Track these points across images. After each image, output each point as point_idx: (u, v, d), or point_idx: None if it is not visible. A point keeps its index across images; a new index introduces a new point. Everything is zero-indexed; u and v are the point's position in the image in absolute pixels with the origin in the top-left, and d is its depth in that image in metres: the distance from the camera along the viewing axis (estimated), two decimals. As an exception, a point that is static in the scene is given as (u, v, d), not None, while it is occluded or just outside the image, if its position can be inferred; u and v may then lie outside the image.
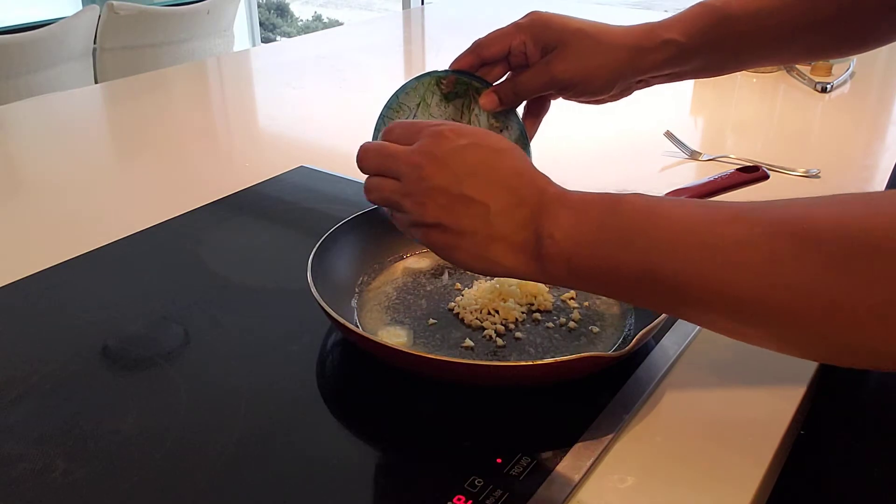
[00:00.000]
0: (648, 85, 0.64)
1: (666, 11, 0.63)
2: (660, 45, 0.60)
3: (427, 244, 0.48)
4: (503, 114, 0.62)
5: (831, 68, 1.39)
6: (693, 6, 0.61)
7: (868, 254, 0.33)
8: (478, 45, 0.61)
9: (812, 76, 1.37)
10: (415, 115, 0.59)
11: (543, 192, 0.45)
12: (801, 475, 0.59)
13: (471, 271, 0.48)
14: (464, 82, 0.62)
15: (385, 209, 0.51)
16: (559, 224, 0.43)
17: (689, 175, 0.97)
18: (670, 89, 1.37)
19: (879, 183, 0.94)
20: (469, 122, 0.62)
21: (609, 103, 0.66)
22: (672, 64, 0.61)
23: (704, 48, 0.60)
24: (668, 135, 1.02)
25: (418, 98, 0.58)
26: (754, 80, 1.39)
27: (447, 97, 0.62)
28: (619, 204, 0.42)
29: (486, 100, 0.61)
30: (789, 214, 0.37)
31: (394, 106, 0.59)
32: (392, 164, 0.48)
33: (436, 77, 0.59)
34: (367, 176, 0.51)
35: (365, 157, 0.50)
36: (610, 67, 0.60)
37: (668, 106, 1.27)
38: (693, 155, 1.01)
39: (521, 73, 0.61)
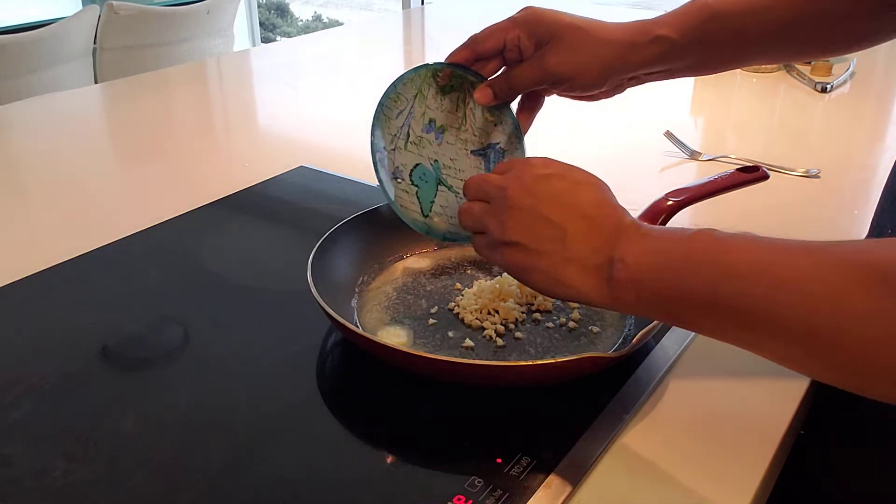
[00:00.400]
0: (641, 82, 0.64)
1: (666, 11, 0.63)
2: (652, 41, 0.60)
3: (505, 264, 0.50)
4: (498, 108, 0.63)
5: (831, 68, 1.39)
6: (686, 4, 0.61)
7: None
8: (473, 40, 0.62)
9: (812, 76, 1.37)
10: (412, 106, 0.60)
11: (619, 222, 0.47)
12: (801, 475, 0.59)
13: (544, 293, 0.50)
14: (459, 76, 0.62)
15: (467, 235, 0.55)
16: (631, 250, 0.45)
17: (689, 175, 0.97)
18: (670, 89, 1.36)
19: (879, 183, 0.94)
20: (464, 116, 0.62)
21: (603, 100, 0.66)
22: (664, 60, 0.61)
23: (697, 45, 0.60)
24: (668, 135, 1.02)
25: (415, 89, 0.60)
26: (754, 80, 1.39)
27: (443, 90, 0.62)
28: (689, 235, 0.44)
29: (481, 94, 0.61)
30: (857, 250, 0.38)
31: (392, 95, 0.61)
32: (486, 188, 0.52)
33: (432, 69, 0.60)
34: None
35: (468, 185, 0.54)
36: (602, 62, 0.60)
37: (668, 106, 1.27)
38: (693, 155, 1.01)
39: (515, 66, 0.61)
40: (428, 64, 0.60)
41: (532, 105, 0.65)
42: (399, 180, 0.61)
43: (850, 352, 0.37)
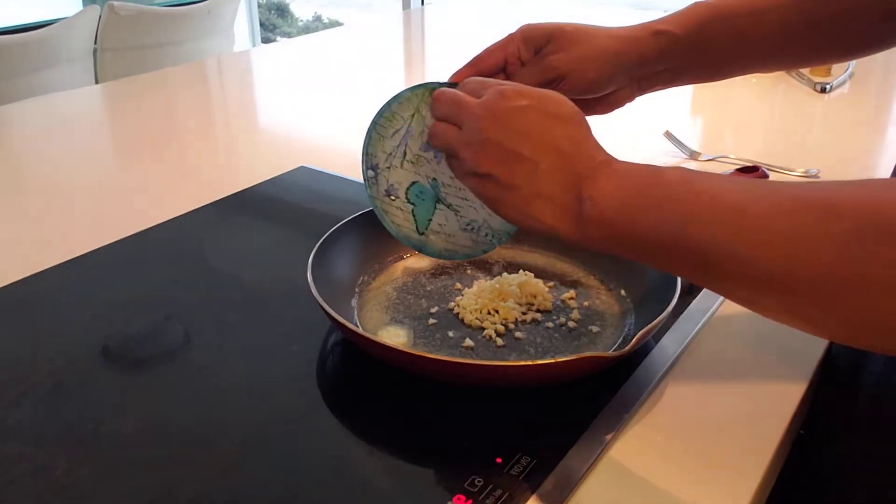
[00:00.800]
0: (644, 89, 0.64)
1: (665, 11, 0.63)
2: (653, 35, 0.61)
3: (477, 194, 0.50)
4: None
5: (831, 68, 1.39)
6: (690, 4, 0.62)
7: (889, 232, 0.34)
8: (475, 59, 0.63)
9: (811, 76, 1.37)
10: (409, 126, 0.58)
11: (591, 159, 0.47)
12: (800, 474, 0.59)
13: (515, 224, 0.50)
14: None
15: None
16: (601, 189, 0.45)
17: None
18: (670, 89, 1.36)
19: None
20: None
21: (613, 111, 0.65)
22: (665, 56, 0.61)
23: (700, 43, 0.60)
24: (668, 135, 1.02)
25: (412, 108, 0.58)
26: (754, 80, 1.39)
27: None
28: (660, 174, 0.44)
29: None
30: (816, 191, 0.38)
31: (386, 114, 0.58)
32: (458, 113, 0.50)
33: (430, 88, 0.58)
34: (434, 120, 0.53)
35: (439, 101, 0.53)
36: (601, 56, 0.61)
37: (668, 106, 1.27)
38: (693, 155, 1.01)
39: (515, 72, 0.62)
40: (426, 83, 0.58)
41: None
42: (393, 198, 0.59)
43: (813, 300, 0.37)
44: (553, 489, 0.46)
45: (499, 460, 0.48)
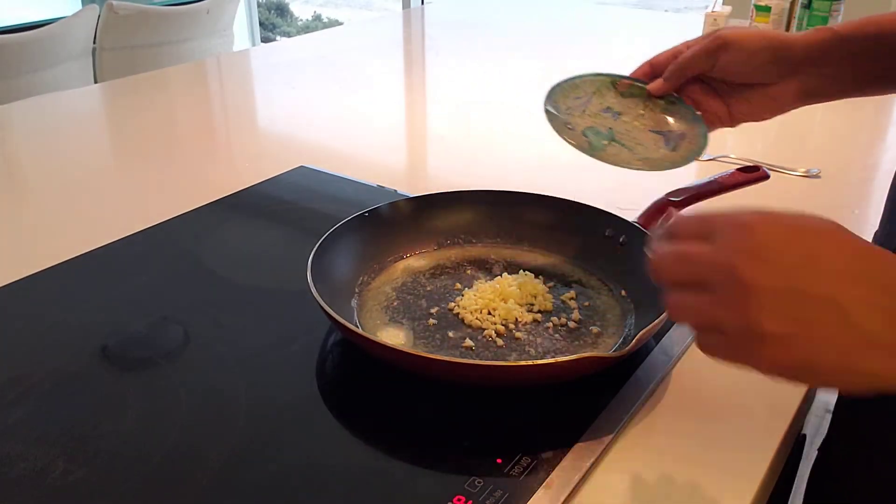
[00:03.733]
0: (809, 94, 0.64)
1: (666, 11, 0.64)
2: (816, 30, 0.61)
3: (766, 366, 0.37)
4: (675, 103, 0.66)
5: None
6: (865, 17, 0.62)
7: None
8: (650, 61, 0.67)
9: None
10: (589, 101, 0.65)
11: (891, 267, 0.36)
12: (800, 476, 0.59)
13: (831, 388, 0.40)
14: (638, 86, 0.67)
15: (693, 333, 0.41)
16: None
17: (690, 175, 0.97)
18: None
19: (879, 183, 0.94)
20: (643, 113, 0.66)
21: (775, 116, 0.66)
22: (826, 53, 0.60)
23: (865, 51, 0.60)
24: (669, 135, 1.02)
25: (594, 88, 0.65)
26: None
27: (622, 94, 0.67)
28: None
29: (655, 84, 0.65)
30: None
31: (570, 83, 0.65)
32: (697, 271, 0.38)
33: (611, 78, 0.66)
34: (668, 291, 0.41)
35: (662, 267, 0.40)
36: (765, 37, 0.61)
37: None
38: (693, 155, 1.01)
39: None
40: (607, 73, 0.66)
41: (715, 94, 0.66)
42: (570, 128, 0.64)
43: None
44: (553, 489, 0.46)
45: (499, 460, 0.48)
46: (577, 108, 0.64)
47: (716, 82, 0.65)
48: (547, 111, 0.64)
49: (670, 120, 0.66)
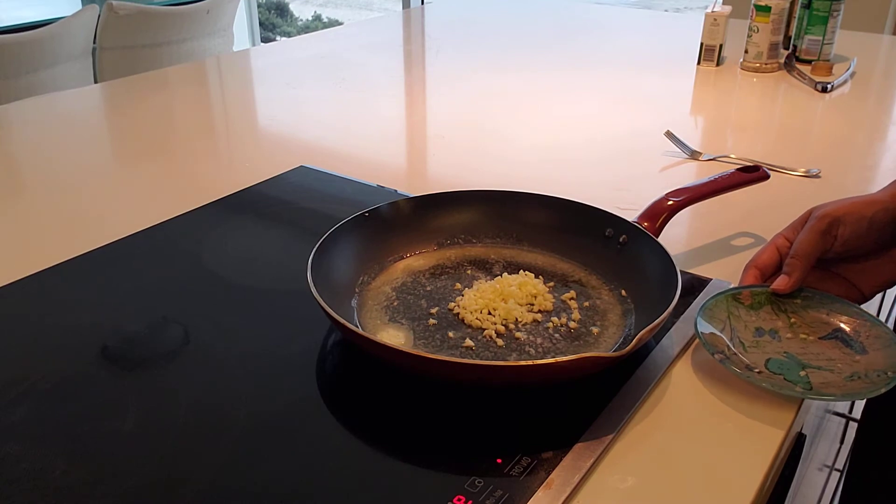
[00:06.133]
0: None
1: (666, 11, 0.63)
2: None
3: None
4: (814, 298, 0.63)
5: (831, 68, 1.39)
6: None
7: None
8: (753, 263, 0.65)
9: (812, 76, 1.37)
10: (730, 325, 0.61)
11: None
12: (794, 475, 0.59)
13: None
14: (759, 292, 0.64)
15: None
16: None
17: (690, 175, 0.97)
18: (671, 89, 1.36)
19: (880, 183, 0.94)
20: (788, 317, 0.62)
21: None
22: None
23: None
24: (669, 135, 1.02)
25: (725, 312, 0.62)
26: (754, 79, 1.39)
27: (751, 307, 0.63)
28: None
29: (779, 282, 0.62)
30: None
31: (705, 314, 0.60)
32: None
33: (730, 293, 0.63)
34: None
35: None
36: (869, 211, 0.62)
37: (668, 106, 1.27)
38: (693, 155, 1.01)
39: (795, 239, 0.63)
40: (724, 290, 0.63)
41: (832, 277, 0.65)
42: (758, 371, 0.57)
43: None
44: (553, 489, 0.46)
45: (499, 460, 0.48)
46: (734, 344, 0.59)
47: (827, 263, 0.64)
48: (720, 361, 0.57)
49: (826, 318, 0.62)
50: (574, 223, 0.72)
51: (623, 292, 0.66)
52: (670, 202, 0.72)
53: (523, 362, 0.55)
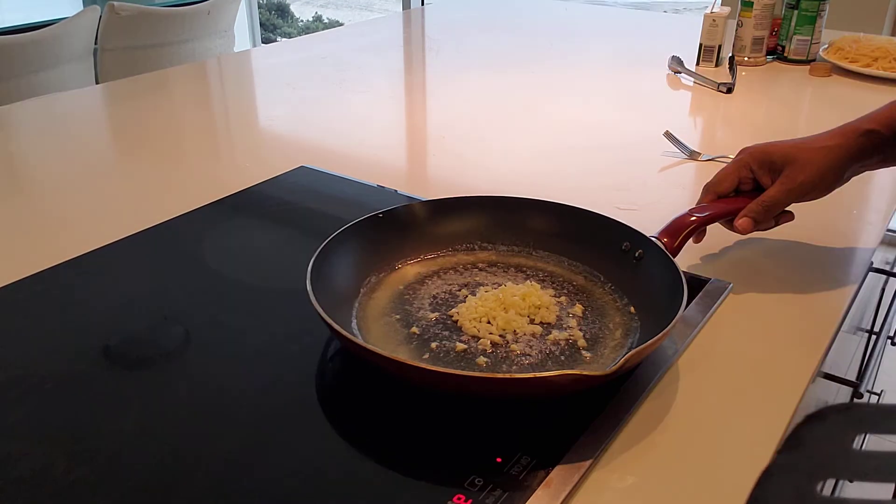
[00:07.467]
0: (856, 173, 0.71)
1: (665, 11, 0.63)
2: (861, 135, 0.69)
3: None
4: None
5: (831, 68, 1.39)
6: (889, 103, 0.70)
7: None
8: (709, 187, 0.71)
9: (812, 76, 1.37)
10: None
11: None
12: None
13: None
14: None
15: None
16: None
17: (689, 175, 0.97)
18: (671, 89, 1.36)
19: (879, 183, 0.94)
20: None
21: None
22: (876, 151, 0.69)
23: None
24: (668, 135, 1.02)
25: None
26: (743, 73, 1.39)
27: None
28: None
29: (741, 222, 0.69)
30: None
31: None
32: None
33: None
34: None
35: None
36: (834, 166, 0.68)
37: (667, 106, 1.27)
38: (692, 155, 1.01)
39: (766, 192, 0.69)
40: None
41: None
42: None
43: None
44: (553, 489, 0.46)
45: (499, 460, 0.48)
46: None
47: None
48: None
49: None
50: (590, 234, 0.70)
51: (632, 309, 0.64)
52: (693, 218, 0.69)
53: (502, 375, 0.54)
